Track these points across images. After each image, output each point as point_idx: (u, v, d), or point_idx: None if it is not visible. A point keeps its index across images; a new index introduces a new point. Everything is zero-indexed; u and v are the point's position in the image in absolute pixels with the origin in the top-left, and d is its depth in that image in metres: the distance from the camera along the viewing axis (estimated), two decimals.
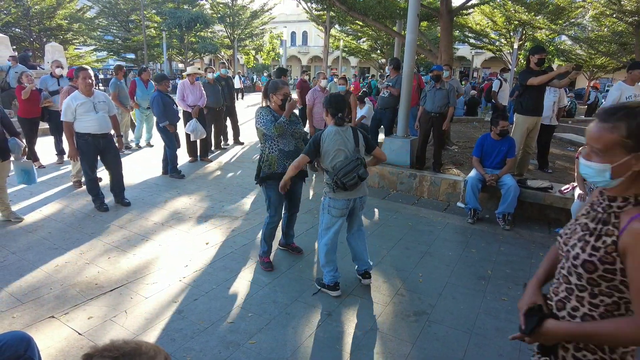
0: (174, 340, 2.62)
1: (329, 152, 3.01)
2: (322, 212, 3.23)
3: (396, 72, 6.88)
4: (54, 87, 6.70)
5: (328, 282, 3.21)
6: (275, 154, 3.40)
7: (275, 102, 3.42)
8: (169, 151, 6.24)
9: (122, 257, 3.71)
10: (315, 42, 42.99)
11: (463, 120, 12.03)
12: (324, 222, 3.21)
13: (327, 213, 3.16)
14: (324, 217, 3.21)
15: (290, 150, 3.43)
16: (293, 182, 3.46)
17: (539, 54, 5.21)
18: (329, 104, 3.07)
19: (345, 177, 2.91)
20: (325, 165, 3.07)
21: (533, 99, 5.32)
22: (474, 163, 4.99)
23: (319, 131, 3.11)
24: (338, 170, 2.95)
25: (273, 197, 3.48)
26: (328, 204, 3.14)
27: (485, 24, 20.68)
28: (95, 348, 0.85)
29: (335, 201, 3.09)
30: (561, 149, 8.28)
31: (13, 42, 18.77)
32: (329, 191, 3.10)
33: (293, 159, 3.29)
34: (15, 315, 2.80)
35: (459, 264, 3.84)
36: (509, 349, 2.66)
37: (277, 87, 3.41)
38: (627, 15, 12.52)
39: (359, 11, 8.32)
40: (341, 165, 2.95)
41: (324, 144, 3.01)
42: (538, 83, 5.10)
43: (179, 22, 26.23)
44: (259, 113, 3.39)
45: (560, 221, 4.83)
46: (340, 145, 3.01)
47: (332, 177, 2.99)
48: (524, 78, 5.25)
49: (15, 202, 4.87)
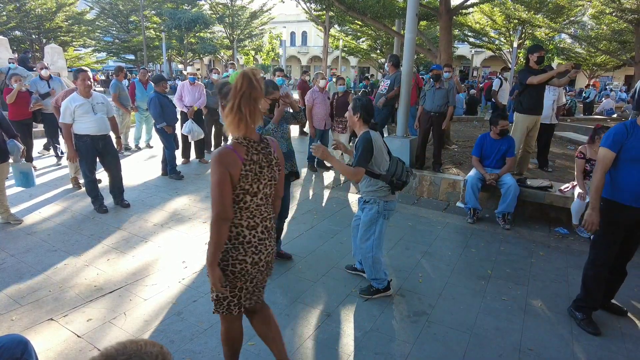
0: (173, 342, 2.61)
1: (380, 155, 2.98)
2: (373, 222, 3.09)
3: (395, 69, 6.86)
4: (45, 89, 6.66)
5: (384, 287, 3.19)
6: None
7: (263, 106, 3.33)
8: (167, 152, 6.24)
9: (122, 259, 3.71)
10: (315, 42, 42.99)
11: (463, 119, 12.03)
12: (377, 230, 3.09)
13: (382, 218, 3.08)
14: (377, 225, 3.09)
15: (283, 152, 3.31)
16: (285, 184, 3.43)
17: (538, 52, 5.21)
18: (361, 109, 2.99)
19: (403, 175, 3.01)
20: (377, 170, 2.99)
21: (533, 98, 5.31)
22: (473, 163, 4.98)
23: (366, 134, 2.96)
24: (394, 171, 2.98)
25: None
26: (384, 208, 3.06)
27: (485, 22, 20.67)
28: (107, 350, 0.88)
29: (391, 203, 3.10)
30: (561, 147, 8.27)
31: (12, 44, 18.79)
32: (385, 195, 3.04)
33: (286, 161, 3.30)
34: (14, 318, 2.80)
35: (459, 263, 3.83)
36: (509, 349, 2.65)
37: (267, 91, 3.28)
38: (627, 13, 12.51)
39: (358, 11, 8.31)
40: (394, 166, 3.00)
41: (375, 147, 2.95)
42: (537, 82, 5.08)
43: (178, 23, 26.25)
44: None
45: (561, 220, 4.82)
46: (384, 148, 3.05)
47: (389, 179, 2.98)
48: (524, 77, 5.24)
49: (14, 204, 4.86)
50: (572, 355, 2.61)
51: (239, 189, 1.80)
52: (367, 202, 3.12)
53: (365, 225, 3.13)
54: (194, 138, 6.89)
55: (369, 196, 3.10)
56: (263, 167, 1.86)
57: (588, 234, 4.47)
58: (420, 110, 6.39)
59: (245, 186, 1.81)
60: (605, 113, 15.08)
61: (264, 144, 1.90)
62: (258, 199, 1.88)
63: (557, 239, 4.48)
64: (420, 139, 6.30)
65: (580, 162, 4.51)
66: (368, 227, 3.12)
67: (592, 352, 2.65)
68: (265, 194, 1.91)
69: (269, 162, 1.90)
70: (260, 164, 1.85)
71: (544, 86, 5.29)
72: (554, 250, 4.19)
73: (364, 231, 3.14)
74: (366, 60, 29.46)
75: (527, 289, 3.40)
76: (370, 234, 3.11)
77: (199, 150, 7.47)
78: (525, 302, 3.21)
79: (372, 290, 3.22)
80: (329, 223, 4.67)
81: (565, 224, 4.73)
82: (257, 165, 1.83)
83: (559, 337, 2.79)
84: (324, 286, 3.35)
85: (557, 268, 3.79)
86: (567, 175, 5.82)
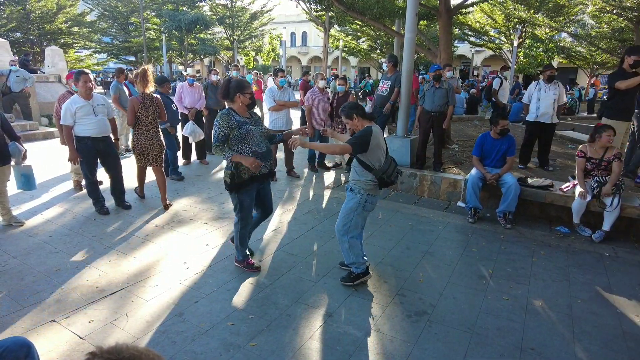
0: (175, 343, 2.62)
1: (377, 150, 3.11)
2: (352, 210, 3.22)
3: (394, 69, 6.85)
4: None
5: (362, 271, 3.33)
6: (249, 157, 3.21)
7: (243, 102, 3.26)
8: (169, 153, 6.25)
9: (123, 260, 3.71)
10: (315, 43, 43.01)
11: (464, 119, 12.02)
12: (354, 219, 3.23)
13: (361, 210, 3.22)
14: (355, 214, 3.21)
15: (263, 151, 3.30)
16: (264, 183, 3.50)
17: (636, 54, 4.83)
18: (351, 110, 3.16)
19: (392, 175, 3.17)
20: (371, 162, 3.11)
21: (622, 103, 5.02)
22: (474, 162, 4.98)
23: (368, 127, 3.12)
24: (386, 168, 3.13)
25: (247, 202, 3.37)
26: (365, 201, 3.20)
27: (485, 21, 20.67)
28: (100, 349, 0.89)
29: (374, 197, 3.25)
30: (562, 146, 8.26)
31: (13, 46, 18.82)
32: (370, 188, 3.18)
33: (266, 160, 3.33)
34: (16, 320, 2.81)
35: (460, 263, 3.83)
36: (510, 348, 2.65)
37: (243, 86, 3.25)
38: (627, 12, 12.49)
39: (357, 11, 8.31)
40: (387, 165, 3.15)
41: (374, 141, 3.07)
42: (625, 88, 4.82)
43: (178, 24, 26.26)
44: (217, 118, 3.20)
45: (562, 219, 4.82)
46: (383, 145, 3.17)
47: (378, 174, 3.12)
48: (613, 80, 4.96)
49: (16, 206, 4.88)
50: (574, 355, 2.61)
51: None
52: (352, 190, 3.24)
53: (344, 211, 3.28)
54: (195, 139, 6.90)
55: (355, 185, 3.23)
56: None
57: (589, 233, 4.47)
58: (420, 110, 6.39)
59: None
60: None
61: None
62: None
63: (558, 238, 4.48)
64: (420, 138, 6.30)
65: (580, 161, 4.51)
66: (347, 214, 3.26)
67: (594, 351, 2.65)
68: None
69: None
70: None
71: (635, 90, 4.97)
72: (555, 249, 4.19)
73: (342, 217, 3.28)
74: (366, 60, 29.45)
75: (528, 288, 3.40)
76: (347, 220, 3.25)
77: (199, 151, 7.47)
78: (526, 301, 3.21)
79: (352, 276, 3.33)
80: (329, 223, 4.67)
81: (566, 223, 4.73)
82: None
83: (560, 336, 2.79)
84: (325, 286, 3.36)
85: (558, 267, 3.79)
86: (568, 174, 5.81)
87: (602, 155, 4.41)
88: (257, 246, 4.09)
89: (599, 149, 4.43)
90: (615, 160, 4.33)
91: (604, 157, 4.40)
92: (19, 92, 9.93)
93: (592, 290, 3.42)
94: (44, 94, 11.61)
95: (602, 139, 4.35)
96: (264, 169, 3.36)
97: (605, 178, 4.36)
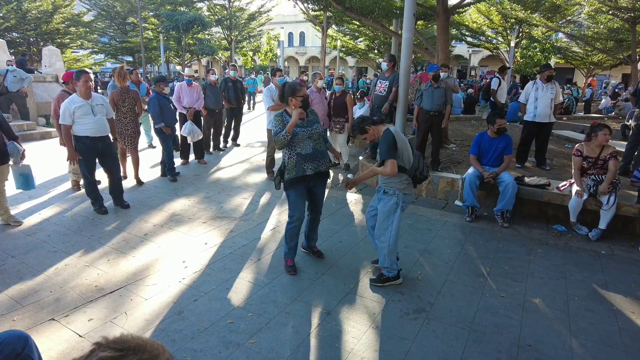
0: (174, 341, 2.63)
1: (405, 148, 3.13)
2: (391, 212, 3.20)
3: (393, 70, 6.87)
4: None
5: (394, 275, 3.33)
6: (294, 159, 3.34)
7: (295, 105, 3.35)
8: (165, 153, 6.25)
9: (122, 259, 3.72)
10: (313, 43, 42.98)
11: (462, 118, 12.05)
12: (394, 221, 3.20)
13: (399, 210, 3.21)
14: (395, 216, 3.20)
15: (308, 153, 3.35)
16: (315, 184, 3.49)
17: None
18: (365, 123, 3.18)
19: (424, 170, 3.25)
20: (403, 162, 3.11)
21: None
22: (471, 161, 5.00)
23: (386, 131, 3.10)
24: (417, 164, 3.18)
25: (292, 198, 3.44)
26: (402, 200, 3.21)
27: (482, 22, 20.73)
28: (105, 339, 0.90)
29: (409, 196, 3.27)
30: (559, 145, 8.30)
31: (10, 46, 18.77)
32: (405, 187, 3.19)
33: (312, 162, 3.36)
34: (15, 319, 2.81)
35: (458, 261, 3.85)
36: (508, 345, 2.67)
37: (295, 90, 3.35)
38: (623, 12, 12.56)
39: (355, 11, 8.33)
40: (416, 160, 3.19)
41: (399, 141, 3.09)
42: None
43: (176, 25, 26.19)
44: (272, 119, 3.43)
45: (559, 218, 4.85)
46: (406, 141, 3.18)
47: (411, 172, 3.16)
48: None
49: (15, 206, 4.87)
50: (570, 351, 2.64)
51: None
52: (386, 192, 3.23)
53: (383, 215, 3.24)
54: (194, 139, 6.90)
55: (389, 187, 3.21)
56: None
57: (586, 231, 4.50)
58: (418, 109, 6.41)
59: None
60: (605, 111, 15.18)
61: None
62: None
63: (555, 236, 4.51)
64: (419, 138, 6.32)
65: (577, 159, 4.54)
66: (386, 218, 3.22)
67: (590, 347, 2.68)
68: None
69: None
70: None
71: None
72: (552, 247, 4.22)
73: (382, 221, 3.25)
74: (364, 60, 29.47)
75: (526, 286, 3.42)
76: (388, 224, 3.22)
77: (198, 151, 7.48)
78: (523, 298, 3.23)
79: (383, 278, 3.33)
80: (328, 222, 4.69)
81: (563, 221, 4.75)
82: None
83: (557, 333, 2.82)
84: (324, 284, 3.37)
85: (555, 265, 3.82)
86: (565, 173, 5.85)
87: (599, 154, 4.44)
88: (255, 245, 4.10)
89: (595, 147, 4.46)
90: (611, 159, 4.36)
91: (600, 156, 4.43)
92: (16, 92, 9.91)
93: (588, 287, 3.44)
94: (42, 94, 11.59)
95: (599, 137, 4.38)
96: (309, 170, 3.36)
97: (602, 177, 4.39)
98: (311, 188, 3.51)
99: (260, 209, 5.18)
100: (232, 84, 8.29)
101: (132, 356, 0.84)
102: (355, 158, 7.44)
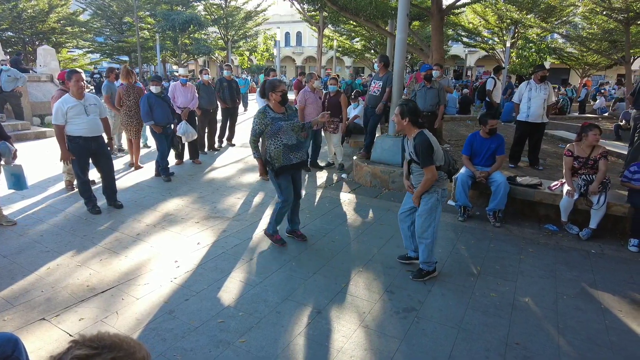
0: (165, 340, 2.64)
1: (439, 151, 3.28)
2: (433, 209, 3.32)
3: (385, 70, 6.89)
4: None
5: (432, 269, 3.49)
6: (281, 149, 3.69)
7: (275, 100, 3.69)
8: (158, 152, 6.25)
9: (114, 259, 3.72)
10: (310, 43, 42.98)
11: (456, 118, 12.11)
12: (436, 217, 3.35)
13: (440, 206, 3.36)
14: (437, 212, 3.35)
15: (293, 143, 3.73)
16: (295, 171, 3.90)
17: None
18: (409, 113, 3.23)
19: (454, 164, 3.48)
20: (438, 162, 3.26)
21: None
22: (464, 161, 5.03)
23: (422, 136, 3.22)
24: (449, 160, 3.38)
25: (284, 185, 3.82)
26: (442, 196, 3.34)
27: (478, 22, 20.79)
28: (82, 337, 0.93)
29: (445, 191, 3.40)
30: (552, 145, 8.35)
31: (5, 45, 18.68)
32: (442, 182, 3.34)
33: (296, 152, 3.77)
34: (6, 318, 2.81)
35: (449, 261, 3.88)
36: (496, 343, 2.70)
37: (275, 86, 3.69)
38: (617, 13, 12.64)
39: (350, 11, 8.35)
40: (447, 156, 3.38)
41: (434, 144, 3.24)
42: None
43: (172, 24, 26.13)
44: (255, 116, 3.71)
45: (550, 217, 4.89)
46: (437, 143, 3.30)
47: (445, 168, 3.34)
48: None
49: (8, 206, 4.86)
50: (558, 349, 2.67)
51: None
52: (427, 191, 3.33)
53: (425, 213, 3.35)
54: (188, 139, 6.90)
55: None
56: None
57: (576, 231, 4.54)
58: None
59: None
60: (599, 112, 15.28)
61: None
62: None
63: (546, 235, 4.54)
64: None
65: (568, 159, 4.57)
66: (429, 215, 3.34)
67: (577, 345, 2.71)
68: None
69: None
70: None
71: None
72: (543, 246, 4.25)
73: (425, 219, 3.36)
74: (360, 60, 29.50)
75: (516, 285, 3.45)
76: (431, 220, 3.35)
77: (192, 151, 7.47)
78: (513, 297, 3.26)
79: (424, 273, 3.49)
80: (321, 222, 4.71)
81: (554, 221, 4.79)
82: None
83: (545, 331, 2.85)
84: (315, 284, 3.39)
85: (546, 264, 3.85)
86: (558, 173, 5.89)
87: (589, 154, 4.48)
88: (247, 245, 4.11)
89: (586, 147, 4.50)
90: (602, 159, 4.40)
91: (591, 156, 4.47)
92: (11, 91, 9.87)
93: (577, 286, 3.48)
94: (36, 94, 11.55)
95: (589, 138, 4.41)
96: (295, 159, 3.78)
97: (592, 176, 4.43)
98: (293, 174, 3.92)
99: (254, 209, 5.19)
100: (227, 84, 8.30)
101: (107, 354, 0.85)
102: (350, 158, 7.46)
